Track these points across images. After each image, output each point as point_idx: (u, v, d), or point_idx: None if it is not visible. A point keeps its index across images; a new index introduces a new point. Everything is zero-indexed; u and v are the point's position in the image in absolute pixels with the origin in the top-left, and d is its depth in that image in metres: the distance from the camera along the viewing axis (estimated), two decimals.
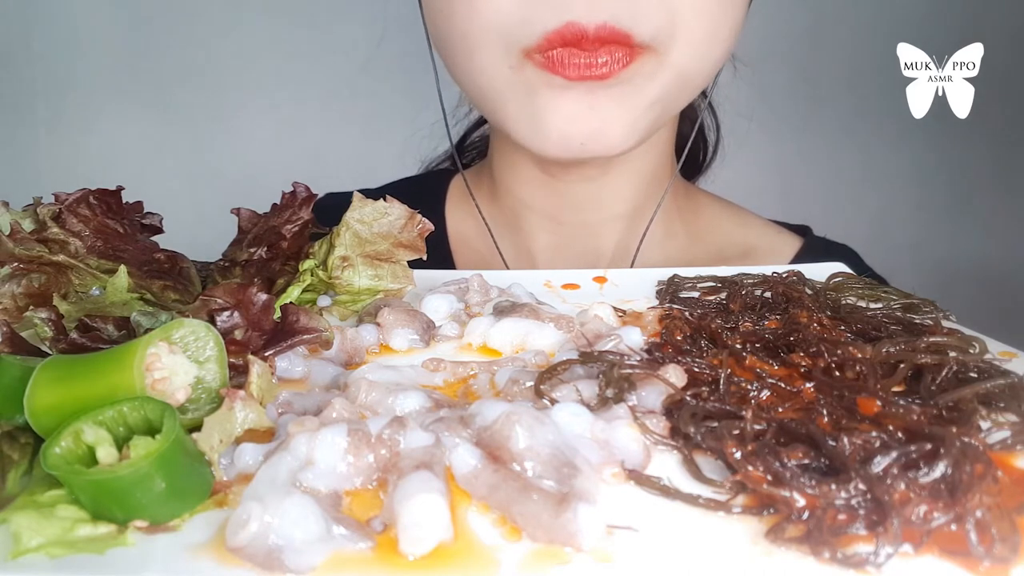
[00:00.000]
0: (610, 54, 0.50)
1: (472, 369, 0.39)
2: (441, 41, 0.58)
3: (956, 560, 0.24)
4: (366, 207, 0.49)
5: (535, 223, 0.68)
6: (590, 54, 0.50)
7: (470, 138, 0.83)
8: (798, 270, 0.52)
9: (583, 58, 0.50)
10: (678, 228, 0.71)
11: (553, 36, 0.49)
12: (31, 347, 0.36)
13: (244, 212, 0.52)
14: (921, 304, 0.46)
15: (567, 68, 0.50)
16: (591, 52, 0.49)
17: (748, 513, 0.27)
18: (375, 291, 0.48)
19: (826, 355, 0.36)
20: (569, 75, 0.50)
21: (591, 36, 0.49)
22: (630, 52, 0.50)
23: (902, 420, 0.30)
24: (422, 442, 0.29)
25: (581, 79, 0.50)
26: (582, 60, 0.50)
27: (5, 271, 0.40)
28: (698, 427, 0.31)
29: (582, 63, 0.50)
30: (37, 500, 0.26)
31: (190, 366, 0.32)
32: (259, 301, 0.38)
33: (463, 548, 0.25)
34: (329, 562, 0.24)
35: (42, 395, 0.29)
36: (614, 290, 0.53)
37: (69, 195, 0.45)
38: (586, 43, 0.49)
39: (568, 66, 0.50)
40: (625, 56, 0.50)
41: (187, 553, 0.25)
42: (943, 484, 0.26)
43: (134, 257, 0.45)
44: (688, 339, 0.40)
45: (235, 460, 0.29)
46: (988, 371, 0.35)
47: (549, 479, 0.27)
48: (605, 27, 0.49)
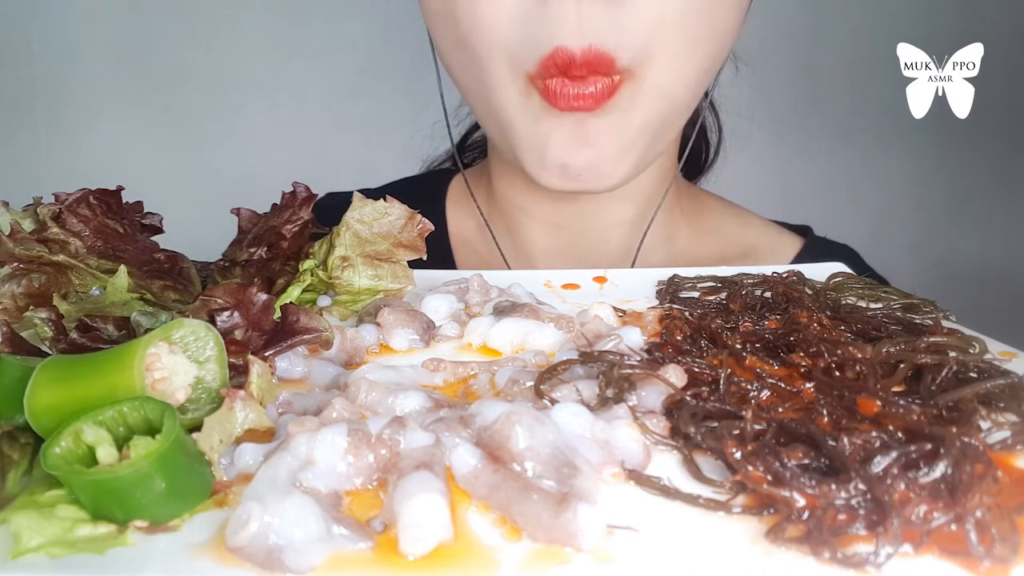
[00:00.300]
0: (594, 84, 0.50)
1: (472, 369, 0.39)
2: (449, 59, 0.58)
3: (956, 560, 0.24)
4: (366, 207, 0.49)
5: (535, 227, 0.68)
6: (578, 84, 0.50)
7: (471, 138, 0.83)
8: (798, 270, 0.52)
9: (572, 88, 0.50)
10: (681, 228, 0.71)
11: (547, 62, 0.50)
12: (31, 347, 0.36)
13: (244, 212, 0.52)
14: (921, 304, 0.46)
15: (558, 99, 0.51)
16: (579, 82, 0.50)
17: (748, 513, 0.27)
18: (375, 291, 0.48)
19: (826, 355, 0.36)
20: (560, 106, 0.51)
21: (579, 61, 0.49)
22: (612, 84, 0.51)
23: (902, 420, 0.30)
24: (422, 442, 0.29)
25: (570, 110, 0.51)
26: (571, 91, 0.50)
27: (5, 271, 0.40)
28: (698, 427, 0.31)
29: (571, 94, 0.50)
30: (37, 500, 0.26)
31: (190, 366, 0.32)
32: (259, 301, 0.38)
33: (463, 548, 0.25)
34: (329, 562, 0.24)
35: (42, 395, 0.29)
36: (614, 290, 0.53)
37: (69, 195, 0.45)
38: (574, 69, 0.50)
39: (559, 97, 0.51)
40: (607, 88, 0.51)
41: (187, 553, 0.25)
42: (943, 484, 0.26)
43: (134, 257, 0.45)
44: (688, 339, 0.40)
45: (235, 460, 0.29)
46: (988, 371, 0.35)
47: (549, 479, 0.27)
48: (591, 50, 0.49)
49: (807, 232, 0.74)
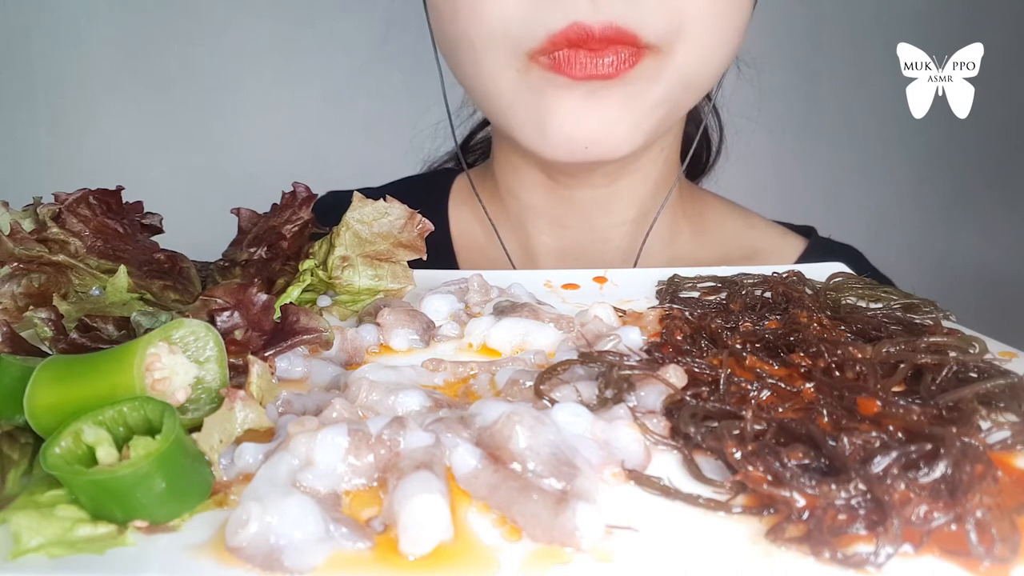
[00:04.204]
0: (616, 54, 0.50)
1: (472, 369, 0.39)
2: (447, 46, 0.58)
3: (956, 560, 0.24)
4: (366, 207, 0.49)
5: (540, 226, 0.68)
6: (596, 54, 0.50)
7: (474, 139, 0.83)
8: (798, 270, 0.52)
9: (589, 57, 0.50)
10: (683, 229, 0.71)
11: (558, 37, 0.49)
12: (31, 347, 0.36)
13: (244, 212, 0.52)
14: (921, 304, 0.46)
15: (573, 67, 0.50)
16: (597, 52, 0.50)
17: (748, 513, 0.27)
18: (375, 291, 0.48)
19: (826, 355, 0.36)
20: (575, 74, 0.50)
21: (597, 36, 0.49)
22: (636, 52, 0.50)
23: (902, 420, 0.30)
24: (422, 442, 0.29)
25: (587, 78, 0.50)
26: (588, 60, 0.50)
27: (5, 271, 0.40)
28: (698, 427, 0.31)
29: (588, 62, 0.50)
30: (37, 500, 0.26)
31: (190, 366, 0.32)
32: (259, 301, 0.38)
33: (463, 548, 0.25)
34: (329, 562, 0.24)
35: (42, 395, 0.29)
36: (614, 290, 0.53)
37: (69, 195, 0.45)
38: (592, 43, 0.49)
39: (574, 65, 0.50)
40: (631, 56, 0.50)
41: (187, 553, 0.25)
42: (943, 484, 0.26)
43: (134, 257, 0.45)
44: (688, 339, 0.40)
45: (235, 460, 0.29)
46: (988, 371, 0.35)
47: (549, 479, 0.27)
48: (611, 27, 0.49)
49: (811, 233, 0.74)
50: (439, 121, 0.73)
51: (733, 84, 0.73)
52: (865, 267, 0.70)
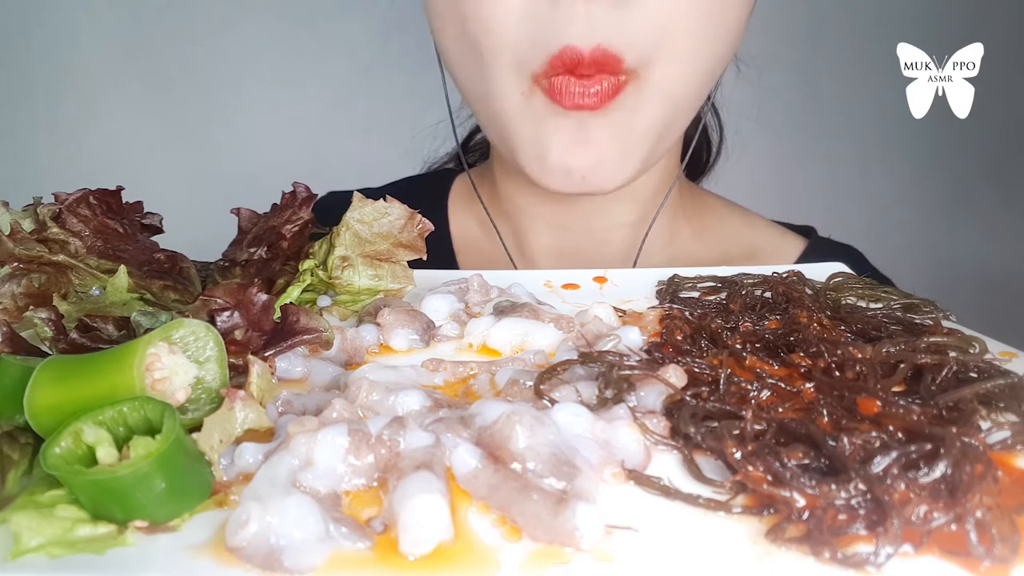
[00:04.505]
0: (600, 83, 0.51)
1: (472, 369, 0.39)
2: (452, 60, 0.58)
3: (956, 560, 0.24)
4: (366, 207, 0.49)
5: (539, 227, 0.68)
6: (584, 83, 0.50)
7: (474, 139, 0.83)
8: (798, 270, 0.52)
9: (577, 87, 0.50)
10: (683, 229, 0.71)
11: (555, 61, 0.50)
12: (31, 347, 0.36)
13: (244, 212, 0.52)
14: (921, 304, 0.46)
15: (564, 97, 0.51)
16: (586, 80, 0.50)
17: (748, 513, 0.27)
18: (375, 291, 0.48)
19: (826, 355, 0.36)
20: (565, 103, 0.51)
21: (587, 60, 0.49)
22: (616, 84, 0.51)
23: (902, 420, 0.30)
24: (422, 442, 0.29)
25: (575, 108, 0.51)
26: (576, 89, 0.51)
27: (5, 271, 0.40)
28: (698, 427, 0.31)
29: (576, 92, 0.51)
30: (37, 500, 0.26)
31: (190, 366, 0.32)
32: (259, 301, 0.38)
33: (463, 548, 0.25)
34: (329, 562, 0.24)
35: (42, 395, 0.29)
36: (614, 290, 0.53)
37: (69, 195, 0.45)
38: (582, 68, 0.50)
39: (565, 95, 0.51)
40: (611, 87, 0.51)
41: (187, 553, 0.25)
42: (943, 484, 0.26)
43: (134, 257, 0.45)
44: (688, 339, 0.40)
45: (235, 460, 0.29)
46: (988, 371, 0.35)
47: (549, 479, 0.27)
48: (599, 49, 0.49)
49: (811, 233, 0.74)
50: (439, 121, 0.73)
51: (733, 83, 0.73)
52: (865, 267, 0.70)
